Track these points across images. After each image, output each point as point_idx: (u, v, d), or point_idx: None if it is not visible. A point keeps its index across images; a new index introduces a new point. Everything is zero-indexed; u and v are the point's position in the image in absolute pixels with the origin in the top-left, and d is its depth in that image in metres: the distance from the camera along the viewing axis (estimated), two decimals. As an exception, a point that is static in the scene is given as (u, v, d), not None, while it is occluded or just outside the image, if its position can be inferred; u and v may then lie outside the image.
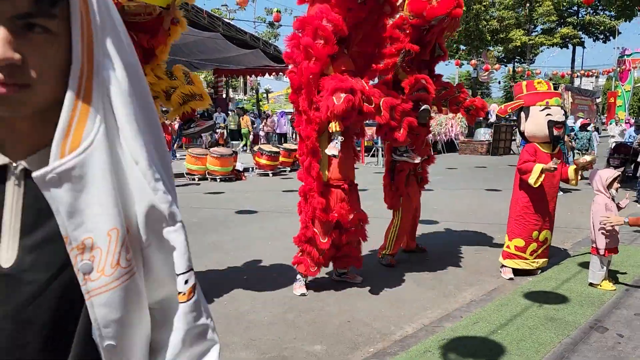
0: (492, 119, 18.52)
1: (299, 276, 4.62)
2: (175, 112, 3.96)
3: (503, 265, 5.10)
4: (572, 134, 11.98)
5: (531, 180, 4.72)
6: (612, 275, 4.87)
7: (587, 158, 5.16)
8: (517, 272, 5.04)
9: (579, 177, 5.05)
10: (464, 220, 7.68)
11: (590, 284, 4.59)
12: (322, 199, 4.32)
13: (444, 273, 5.16)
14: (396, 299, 4.45)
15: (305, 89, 4.18)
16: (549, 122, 4.90)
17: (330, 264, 4.83)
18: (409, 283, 4.83)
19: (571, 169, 5.03)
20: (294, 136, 20.89)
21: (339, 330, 3.78)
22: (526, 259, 5.01)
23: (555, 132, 4.94)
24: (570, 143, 11.86)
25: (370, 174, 11.31)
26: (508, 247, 5.06)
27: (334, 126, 4.04)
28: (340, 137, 4.13)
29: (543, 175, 4.73)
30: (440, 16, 4.92)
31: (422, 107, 5.15)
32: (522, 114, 5.10)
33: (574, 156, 12.18)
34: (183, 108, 3.89)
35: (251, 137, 20.49)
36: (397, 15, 4.86)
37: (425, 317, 4.05)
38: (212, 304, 4.22)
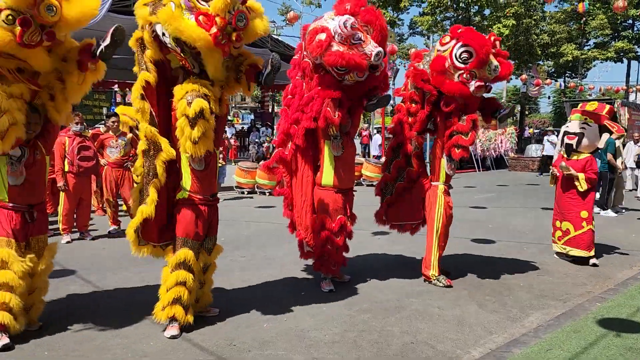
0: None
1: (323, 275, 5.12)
2: None
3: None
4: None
5: None
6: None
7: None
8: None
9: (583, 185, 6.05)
10: (521, 239, 7.43)
11: None
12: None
13: (506, 295, 4.97)
14: (458, 321, 4.30)
15: None
16: (564, 132, 6.27)
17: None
18: (470, 305, 4.67)
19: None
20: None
21: (403, 351, 3.68)
22: (555, 242, 6.40)
23: (566, 140, 6.16)
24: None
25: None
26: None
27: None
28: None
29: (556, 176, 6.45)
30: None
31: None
32: None
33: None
34: None
35: None
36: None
37: (491, 341, 3.89)
38: (270, 320, 4.20)
